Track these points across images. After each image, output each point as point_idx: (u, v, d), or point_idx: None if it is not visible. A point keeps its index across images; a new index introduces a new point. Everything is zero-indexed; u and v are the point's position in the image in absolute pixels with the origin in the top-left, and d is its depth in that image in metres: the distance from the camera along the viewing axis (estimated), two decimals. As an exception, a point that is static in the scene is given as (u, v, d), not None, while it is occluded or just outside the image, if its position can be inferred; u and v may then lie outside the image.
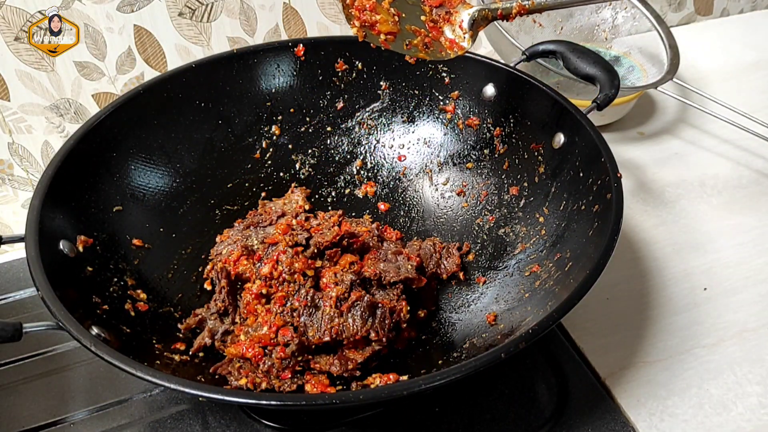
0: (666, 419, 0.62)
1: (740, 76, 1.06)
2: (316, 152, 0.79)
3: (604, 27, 1.01)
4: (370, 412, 0.61)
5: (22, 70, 0.82)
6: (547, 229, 0.67)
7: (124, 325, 0.58)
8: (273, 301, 0.61)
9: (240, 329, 0.61)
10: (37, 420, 0.61)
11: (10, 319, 0.65)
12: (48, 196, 0.59)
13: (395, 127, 0.80)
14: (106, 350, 0.48)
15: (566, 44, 0.72)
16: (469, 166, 0.76)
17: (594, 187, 0.62)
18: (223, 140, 0.76)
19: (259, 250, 0.64)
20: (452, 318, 0.67)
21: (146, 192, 0.70)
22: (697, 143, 0.94)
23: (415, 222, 0.77)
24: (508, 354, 0.47)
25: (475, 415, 0.61)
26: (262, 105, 0.77)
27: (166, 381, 0.46)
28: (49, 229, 0.58)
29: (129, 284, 0.63)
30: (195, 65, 0.74)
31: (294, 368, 0.58)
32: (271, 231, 0.68)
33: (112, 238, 0.65)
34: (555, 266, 0.62)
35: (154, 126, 0.71)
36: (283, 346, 0.58)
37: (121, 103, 0.69)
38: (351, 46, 0.77)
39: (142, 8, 0.84)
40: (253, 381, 0.57)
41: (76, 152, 0.64)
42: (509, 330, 0.59)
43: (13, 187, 0.90)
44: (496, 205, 0.73)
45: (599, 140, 0.63)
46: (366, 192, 0.79)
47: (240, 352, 0.58)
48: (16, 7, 0.78)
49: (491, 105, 0.75)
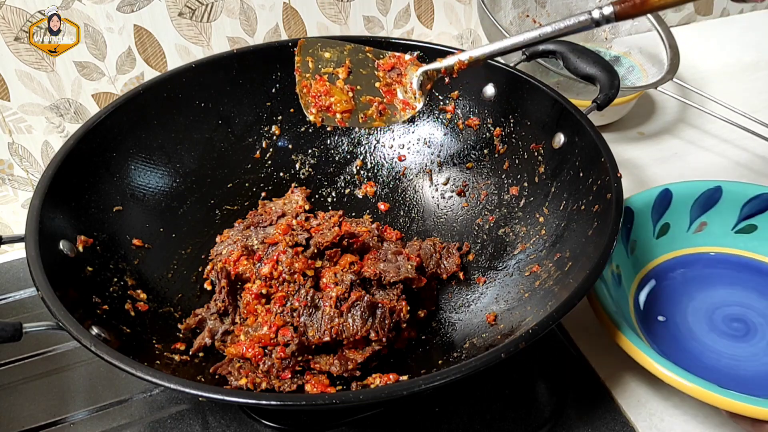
0: (666, 419, 0.62)
1: (740, 76, 1.06)
2: (316, 152, 0.79)
3: (604, 27, 1.01)
4: (370, 412, 0.61)
5: (22, 70, 0.82)
6: (547, 229, 0.67)
7: (124, 325, 0.58)
8: (273, 301, 0.61)
9: (240, 329, 0.61)
10: (37, 420, 0.61)
11: (10, 319, 0.65)
12: (48, 196, 0.59)
13: (395, 127, 0.80)
14: (106, 350, 0.48)
15: (566, 44, 0.72)
16: (469, 166, 0.76)
17: (594, 187, 0.62)
18: (223, 140, 0.76)
19: (259, 250, 0.64)
20: (452, 318, 0.67)
21: (146, 192, 0.70)
22: (697, 143, 0.94)
23: (415, 222, 0.77)
24: (508, 354, 0.47)
25: (475, 415, 0.61)
26: (262, 105, 0.77)
27: (166, 381, 0.46)
28: (49, 229, 0.57)
29: (129, 284, 0.63)
30: (195, 65, 0.74)
31: (294, 368, 0.58)
32: (271, 231, 0.68)
33: (112, 238, 0.65)
34: (555, 266, 0.62)
35: (154, 126, 0.71)
36: (283, 346, 0.58)
37: (121, 102, 0.69)
38: None
39: (142, 8, 0.84)
40: (253, 381, 0.57)
41: (76, 152, 0.64)
42: (509, 330, 0.59)
43: (13, 187, 0.90)
44: (496, 205, 0.73)
45: (599, 140, 0.63)
46: (366, 192, 0.79)
47: (240, 352, 0.58)
48: (16, 7, 0.78)
49: (491, 105, 0.75)
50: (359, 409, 0.61)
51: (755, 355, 0.65)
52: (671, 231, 0.74)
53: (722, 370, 0.63)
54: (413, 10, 1.00)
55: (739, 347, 0.65)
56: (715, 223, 0.74)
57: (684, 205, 0.74)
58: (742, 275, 0.72)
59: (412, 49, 0.75)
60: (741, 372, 0.63)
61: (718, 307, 0.69)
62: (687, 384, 0.55)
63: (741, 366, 0.64)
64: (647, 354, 0.57)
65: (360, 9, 0.96)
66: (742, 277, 0.72)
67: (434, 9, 1.01)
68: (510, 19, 0.98)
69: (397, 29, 1.00)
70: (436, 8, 1.01)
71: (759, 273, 0.72)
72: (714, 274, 0.72)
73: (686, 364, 0.60)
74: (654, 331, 0.67)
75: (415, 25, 1.01)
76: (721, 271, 0.73)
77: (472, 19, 1.04)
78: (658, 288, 0.71)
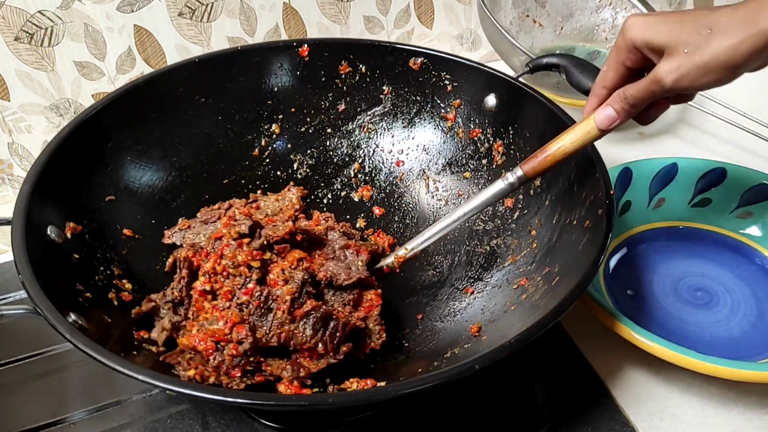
0: (666, 419, 0.62)
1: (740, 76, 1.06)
2: (314, 153, 0.79)
3: (604, 27, 1.01)
4: (355, 415, 0.61)
5: (22, 70, 0.82)
6: (539, 242, 0.66)
7: (106, 315, 0.58)
8: (219, 297, 0.59)
9: (192, 324, 0.60)
10: (37, 420, 0.61)
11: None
12: (39, 182, 0.58)
13: (395, 132, 0.79)
14: (80, 338, 0.47)
15: (570, 58, 0.72)
16: (467, 175, 0.76)
17: (587, 202, 0.61)
18: (222, 136, 0.76)
19: (207, 246, 0.63)
20: (437, 326, 0.66)
21: (140, 184, 0.70)
22: (697, 143, 0.94)
23: (409, 228, 0.76)
24: (483, 365, 0.47)
25: (474, 415, 0.61)
26: (263, 103, 0.77)
27: (143, 374, 0.46)
28: (38, 215, 0.57)
29: (115, 274, 0.63)
30: (198, 60, 0.73)
31: (245, 367, 0.57)
32: (218, 226, 0.67)
33: (102, 227, 0.64)
34: (543, 280, 0.61)
35: (153, 119, 0.71)
36: (237, 344, 0.56)
37: (120, 94, 0.68)
38: (355, 49, 0.77)
39: (142, 8, 0.84)
40: (202, 374, 0.56)
41: (70, 141, 0.63)
42: (490, 342, 0.58)
43: (13, 187, 0.90)
44: (490, 216, 0.72)
45: (595, 155, 0.62)
46: (362, 195, 0.79)
47: (192, 344, 0.57)
48: (16, 7, 0.78)
49: (492, 115, 0.74)
50: (358, 409, 0.61)
51: (718, 321, 0.69)
52: (633, 208, 0.78)
53: (689, 337, 0.67)
54: (413, 10, 1.00)
55: (702, 314, 0.70)
56: (672, 198, 0.78)
57: (644, 182, 0.77)
58: (700, 247, 0.77)
59: (417, 56, 0.75)
60: (706, 338, 0.67)
61: (681, 278, 0.73)
62: (667, 351, 0.59)
63: (705, 332, 0.68)
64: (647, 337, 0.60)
65: (360, 9, 0.96)
66: (699, 249, 0.76)
67: (434, 9, 1.01)
68: (510, 19, 0.98)
69: (397, 29, 1.00)
70: (436, 8, 1.01)
71: (715, 243, 0.77)
72: (674, 246, 0.77)
73: (658, 333, 0.62)
74: (626, 304, 0.70)
75: (415, 25, 1.01)
76: (681, 243, 0.77)
77: (472, 19, 1.04)
78: (625, 262, 0.75)
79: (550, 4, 1.00)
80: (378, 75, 0.77)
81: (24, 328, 0.68)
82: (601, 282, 0.71)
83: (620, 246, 0.76)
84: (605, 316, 0.62)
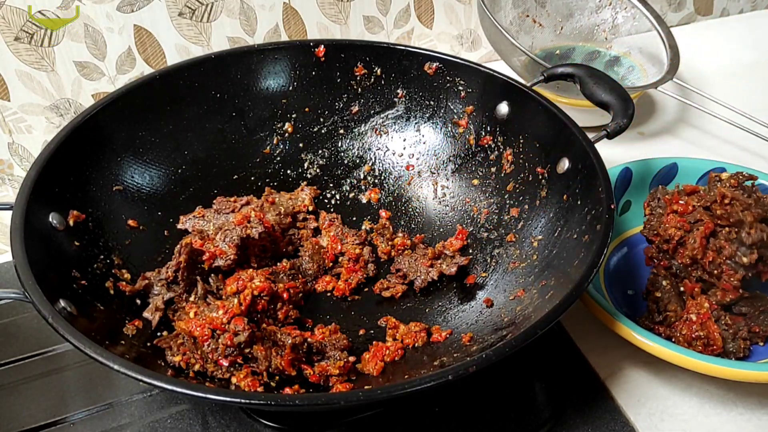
0: (666, 419, 0.62)
1: (740, 76, 1.06)
2: (326, 153, 0.80)
3: (604, 27, 1.01)
4: (369, 412, 0.61)
5: (22, 70, 0.82)
6: (539, 254, 0.66)
7: (100, 303, 0.58)
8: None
9: (191, 306, 0.60)
10: (37, 420, 0.61)
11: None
12: (46, 168, 0.59)
13: (407, 135, 0.79)
14: (63, 324, 0.47)
15: (585, 68, 0.72)
16: (475, 182, 0.76)
17: (588, 217, 0.61)
18: (235, 132, 0.77)
19: (213, 235, 0.65)
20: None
21: (150, 175, 0.71)
22: (697, 143, 0.94)
23: (413, 233, 0.75)
24: (456, 377, 0.47)
25: (475, 415, 0.61)
26: (278, 101, 0.78)
27: (120, 364, 0.46)
28: (41, 200, 0.58)
29: (115, 263, 0.63)
30: (215, 56, 0.74)
31: (235, 359, 0.57)
32: (230, 218, 0.68)
33: (107, 216, 0.65)
34: (538, 293, 0.61)
35: (167, 111, 0.72)
36: (232, 335, 0.57)
37: (135, 86, 0.69)
38: (371, 51, 0.77)
39: (142, 8, 0.84)
40: (187, 360, 0.56)
41: (82, 129, 0.64)
42: (480, 351, 0.58)
43: (13, 187, 0.90)
44: (494, 225, 0.72)
45: (601, 170, 0.62)
46: (370, 198, 0.79)
47: (189, 328, 0.57)
48: (16, 7, 0.78)
49: (504, 124, 0.73)
50: (342, 411, 0.61)
51: None
52: (633, 208, 0.78)
53: None
54: (413, 10, 1.00)
55: None
56: None
57: (643, 183, 0.77)
58: None
59: (432, 61, 0.75)
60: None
61: None
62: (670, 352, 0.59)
63: None
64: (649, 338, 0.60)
65: (360, 9, 0.96)
66: None
67: (434, 9, 1.01)
68: (510, 19, 0.98)
69: (397, 29, 1.01)
70: (436, 8, 1.01)
71: None
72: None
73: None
74: (626, 304, 0.70)
75: (415, 25, 1.01)
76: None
77: (472, 19, 1.04)
78: (625, 262, 0.74)
79: (550, 4, 1.00)
80: (393, 78, 0.78)
81: (24, 328, 0.68)
82: (601, 282, 0.71)
83: (620, 246, 0.76)
84: (605, 316, 0.62)
